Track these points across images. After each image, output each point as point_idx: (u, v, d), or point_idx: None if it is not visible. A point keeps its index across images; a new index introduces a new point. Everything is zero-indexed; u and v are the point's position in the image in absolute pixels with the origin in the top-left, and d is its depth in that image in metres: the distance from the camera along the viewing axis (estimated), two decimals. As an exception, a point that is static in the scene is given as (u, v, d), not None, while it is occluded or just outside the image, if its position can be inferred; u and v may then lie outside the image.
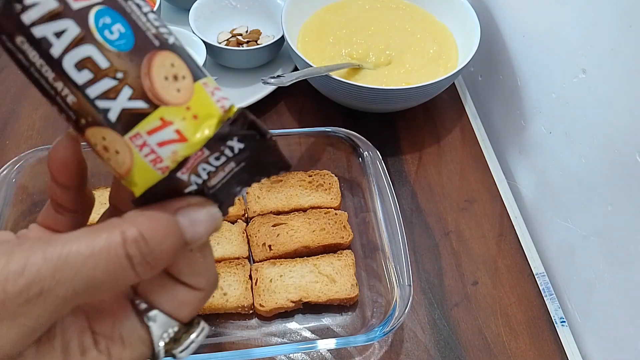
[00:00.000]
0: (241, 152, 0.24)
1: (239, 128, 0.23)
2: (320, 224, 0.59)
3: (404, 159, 0.70)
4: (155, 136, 0.22)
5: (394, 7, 0.78)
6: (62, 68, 0.21)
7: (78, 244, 0.21)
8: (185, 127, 0.22)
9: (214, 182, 0.24)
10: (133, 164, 0.22)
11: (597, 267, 0.55)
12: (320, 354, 0.53)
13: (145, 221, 0.22)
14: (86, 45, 0.21)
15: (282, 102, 0.76)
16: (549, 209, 0.64)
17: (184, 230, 0.23)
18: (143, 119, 0.21)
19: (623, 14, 0.48)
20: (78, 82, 0.21)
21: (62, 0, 0.20)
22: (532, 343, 0.55)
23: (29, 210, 0.61)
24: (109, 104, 0.21)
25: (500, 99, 0.75)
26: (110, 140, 0.22)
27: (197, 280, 0.25)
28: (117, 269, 0.21)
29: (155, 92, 0.22)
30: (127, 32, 0.21)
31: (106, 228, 0.21)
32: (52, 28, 0.20)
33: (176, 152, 0.22)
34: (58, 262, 0.20)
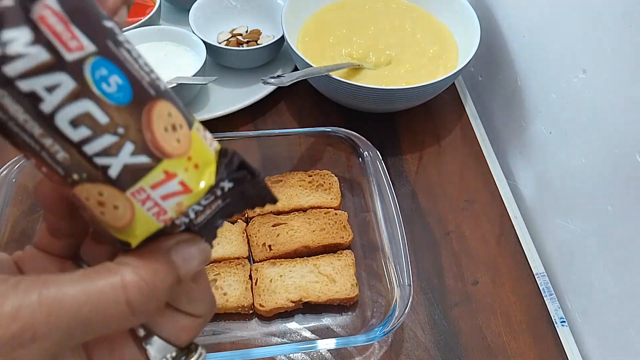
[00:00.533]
0: (229, 190, 0.24)
1: (233, 170, 0.23)
2: (320, 224, 0.59)
3: (404, 159, 0.70)
4: (160, 190, 0.21)
5: (394, 7, 0.78)
6: (54, 125, 0.19)
7: (74, 287, 0.20)
8: (189, 178, 0.22)
9: (200, 219, 0.23)
10: (134, 218, 0.21)
11: (597, 267, 0.55)
12: (320, 354, 0.53)
13: (143, 264, 0.22)
14: (83, 100, 0.19)
15: (282, 102, 0.76)
16: (549, 209, 0.64)
17: (178, 268, 0.23)
18: (146, 174, 0.21)
19: (623, 14, 0.48)
20: (74, 139, 0.19)
21: (54, 51, 0.18)
22: (532, 343, 0.55)
23: (29, 210, 0.61)
24: (110, 161, 0.20)
25: (501, 99, 0.75)
26: (109, 196, 0.20)
27: (194, 306, 0.25)
28: (116, 315, 0.21)
29: (158, 145, 0.21)
30: (125, 84, 0.20)
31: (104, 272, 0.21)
32: (42, 82, 0.18)
33: (181, 203, 0.22)
34: (53, 306, 0.19)
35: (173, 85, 0.65)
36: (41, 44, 0.17)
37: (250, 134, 0.65)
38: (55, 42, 0.18)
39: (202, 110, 0.71)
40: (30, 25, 0.17)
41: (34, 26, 0.17)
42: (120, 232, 0.22)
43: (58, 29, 0.18)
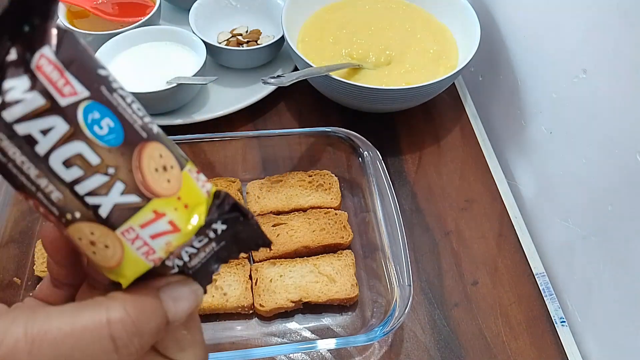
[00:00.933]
0: (223, 232, 0.24)
1: (224, 212, 0.24)
2: (320, 224, 0.59)
3: (404, 159, 0.70)
4: (149, 229, 0.21)
5: (394, 7, 0.78)
6: (48, 165, 0.20)
7: (60, 319, 0.20)
8: (178, 218, 0.22)
9: (194, 262, 0.24)
10: (123, 257, 0.21)
11: (597, 267, 0.55)
12: (320, 354, 0.53)
13: (131, 301, 0.21)
14: (75, 142, 0.20)
15: (282, 102, 0.76)
16: (549, 209, 0.64)
17: (168, 308, 0.22)
18: (136, 213, 0.21)
19: (623, 14, 0.48)
20: (66, 179, 0.20)
21: (50, 97, 0.19)
22: (532, 343, 0.55)
23: (29, 210, 0.61)
24: (100, 200, 0.21)
25: (501, 99, 0.75)
26: (100, 235, 0.21)
27: (184, 356, 0.24)
28: (99, 351, 0.20)
29: (147, 185, 0.21)
30: (116, 126, 0.21)
31: (91, 306, 0.21)
32: (38, 125, 0.19)
33: (170, 242, 0.22)
34: (37, 337, 0.19)
35: (173, 86, 0.65)
36: (37, 90, 0.19)
37: (250, 134, 0.65)
38: (50, 88, 0.19)
39: (201, 110, 0.71)
40: (29, 75, 0.19)
41: (32, 75, 0.19)
42: (111, 273, 0.22)
43: (53, 77, 0.19)
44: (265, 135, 0.65)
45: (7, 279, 0.56)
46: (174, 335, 0.24)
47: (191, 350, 0.25)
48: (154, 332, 0.22)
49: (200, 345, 0.25)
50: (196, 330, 0.25)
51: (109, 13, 0.79)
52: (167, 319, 0.22)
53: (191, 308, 0.23)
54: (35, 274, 0.56)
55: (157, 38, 0.73)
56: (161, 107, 0.69)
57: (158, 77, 0.68)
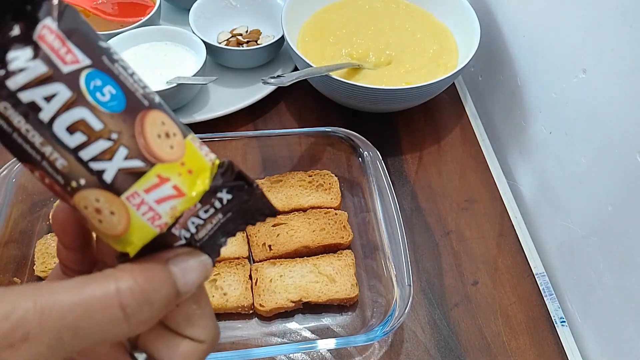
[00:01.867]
0: (229, 202, 0.24)
1: (228, 179, 0.24)
2: (320, 224, 0.59)
3: (404, 159, 0.70)
4: (154, 194, 0.22)
5: (394, 7, 0.78)
6: (52, 132, 0.20)
7: (68, 291, 0.20)
8: (182, 182, 0.22)
9: (202, 234, 0.24)
10: (130, 223, 0.22)
11: (597, 267, 0.55)
12: (320, 354, 0.53)
13: (139, 271, 0.22)
14: (78, 108, 0.20)
15: (282, 102, 0.76)
16: (549, 209, 0.64)
17: (176, 279, 0.22)
18: (140, 178, 0.21)
19: (623, 14, 0.48)
20: (70, 145, 0.20)
21: (52, 64, 0.20)
22: (532, 343, 0.55)
23: (29, 210, 0.61)
24: (105, 165, 0.21)
25: (501, 99, 0.75)
26: (105, 202, 0.21)
27: (196, 331, 0.24)
28: (108, 320, 0.20)
29: (151, 150, 0.22)
30: (118, 94, 0.21)
31: (99, 277, 0.21)
32: (41, 92, 0.20)
33: (175, 207, 0.22)
34: (45, 308, 0.19)
35: (173, 86, 0.65)
36: (40, 59, 0.19)
37: (250, 134, 0.65)
38: (52, 56, 0.20)
39: (202, 110, 0.71)
40: (31, 45, 0.19)
41: (34, 45, 0.19)
42: (118, 242, 0.22)
43: (55, 46, 0.20)
44: (265, 135, 0.65)
45: (7, 279, 0.56)
46: (184, 310, 0.24)
47: (202, 325, 0.25)
48: (164, 302, 0.22)
49: (211, 320, 0.25)
50: (205, 304, 0.25)
51: (109, 13, 0.79)
52: (177, 290, 0.22)
53: (200, 280, 0.23)
54: (35, 274, 0.56)
55: (157, 38, 0.73)
56: (161, 107, 0.69)
57: (158, 77, 0.68)
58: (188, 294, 0.23)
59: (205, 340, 0.25)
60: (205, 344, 0.25)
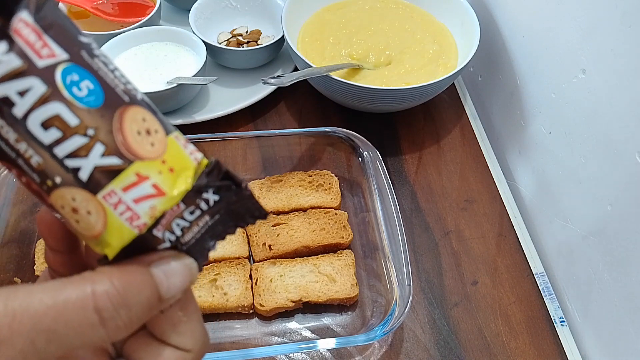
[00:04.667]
0: (216, 204, 0.23)
1: (215, 179, 0.23)
2: (320, 223, 0.60)
3: (403, 159, 0.70)
4: (131, 192, 0.21)
5: (393, 7, 0.78)
6: (26, 128, 0.19)
7: (42, 294, 0.19)
8: (163, 181, 0.21)
9: (188, 237, 0.23)
10: (107, 223, 0.21)
11: (596, 267, 0.55)
12: (320, 354, 0.53)
13: (118, 273, 0.21)
14: (53, 102, 0.19)
15: (282, 102, 0.76)
16: (549, 209, 0.64)
17: (159, 282, 0.22)
18: (117, 176, 0.21)
19: (623, 14, 0.48)
20: (45, 141, 0.20)
21: (26, 58, 0.19)
22: (531, 343, 0.55)
23: (29, 210, 0.61)
24: (80, 163, 0.20)
25: (500, 99, 0.75)
26: (81, 201, 0.20)
27: (182, 340, 0.23)
28: (83, 324, 0.19)
29: (129, 147, 0.21)
30: (96, 89, 0.21)
31: (76, 279, 0.20)
32: (15, 87, 0.19)
33: (154, 207, 0.21)
34: (17, 310, 0.19)
35: (173, 86, 0.66)
36: (14, 52, 0.19)
37: (250, 134, 0.65)
38: (27, 50, 0.19)
39: (202, 110, 0.72)
40: (6, 39, 0.19)
41: (9, 39, 0.19)
42: (97, 244, 0.22)
43: (31, 39, 0.19)
44: (265, 135, 0.65)
45: (7, 279, 0.56)
46: (170, 317, 0.23)
47: (188, 333, 0.24)
48: (144, 306, 0.21)
49: (198, 328, 0.24)
50: (193, 312, 0.24)
51: (109, 13, 0.79)
52: (159, 293, 0.22)
53: (185, 284, 0.23)
54: (35, 274, 0.56)
55: (157, 38, 0.73)
56: (162, 107, 0.69)
57: (158, 77, 0.68)
58: (172, 299, 0.22)
59: (192, 349, 0.24)
60: (191, 354, 0.24)
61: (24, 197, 0.60)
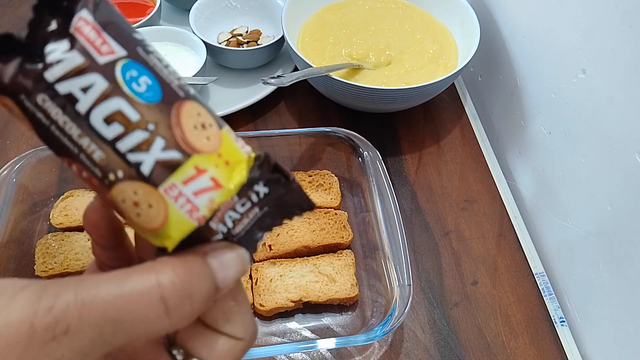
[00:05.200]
0: (265, 196, 0.23)
1: (266, 172, 0.23)
2: (320, 223, 0.60)
3: (403, 159, 0.70)
4: (191, 185, 0.21)
5: (393, 7, 0.78)
6: (89, 123, 0.20)
7: (109, 284, 0.20)
8: (220, 174, 0.22)
9: (239, 229, 0.23)
10: (168, 216, 0.21)
11: (597, 267, 0.55)
12: (320, 354, 0.53)
13: (180, 264, 0.21)
14: (115, 98, 0.20)
15: (282, 102, 0.76)
16: (549, 209, 0.64)
17: (215, 272, 0.22)
18: (177, 169, 0.21)
19: (623, 14, 0.48)
20: (108, 136, 0.20)
21: (88, 55, 0.20)
22: (531, 343, 0.55)
23: (29, 210, 0.61)
24: (142, 157, 0.21)
25: (500, 99, 0.75)
26: (143, 194, 0.21)
27: (234, 329, 0.24)
28: (149, 314, 0.20)
29: (187, 141, 0.21)
30: (154, 84, 0.21)
31: (140, 269, 0.21)
32: (78, 83, 0.20)
33: (213, 199, 0.22)
34: (86, 301, 0.19)
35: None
36: (76, 50, 0.20)
37: (250, 134, 0.65)
38: (88, 47, 0.20)
39: (202, 110, 0.71)
40: (68, 37, 0.20)
41: (71, 37, 0.20)
42: (156, 237, 0.22)
43: (91, 37, 0.20)
44: (265, 135, 0.65)
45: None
46: (222, 306, 0.24)
47: (239, 321, 0.24)
48: (204, 297, 0.21)
49: (248, 316, 0.25)
50: (243, 301, 0.25)
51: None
52: (216, 284, 0.22)
53: (238, 274, 0.23)
54: (35, 274, 0.56)
55: (157, 38, 0.73)
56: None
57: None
58: (226, 289, 0.23)
59: (244, 337, 0.24)
60: (243, 342, 0.24)
61: (24, 197, 0.60)
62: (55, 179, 0.64)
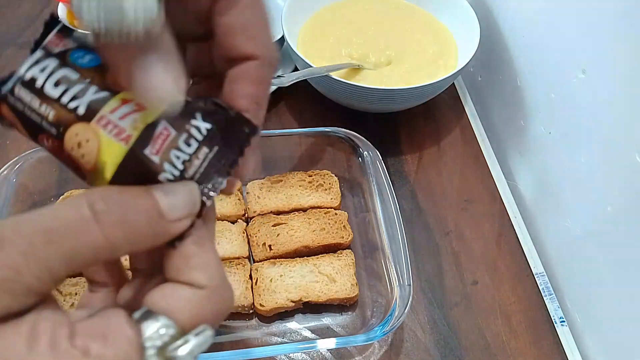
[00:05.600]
0: (210, 133, 0.24)
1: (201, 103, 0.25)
2: (320, 223, 0.60)
3: (404, 159, 0.70)
4: (117, 112, 0.24)
5: (393, 7, 0.78)
6: (44, 91, 0.24)
7: (45, 209, 0.21)
8: None
9: (191, 172, 0.24)
10: (100, 142, 0.23)
11: (597, 267, 0.55)
12: (320, 354, 0.53)
13: (114, 188, 0.22)
14: (63, 69, 0.24)
15: (282, 102, 0.76)
16: (549, 209, 0.64)
17: (158, 197, 0.22)
18: (106, 103, 0.24)
19: (623, 14, 0.48)
20: (55, 95, 0.24)
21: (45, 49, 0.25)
22: (531, 343, 0.55)
23: (29, 210, 0.61)
24: (79, 102, 0.24)
25: (500, 99, 0.75)
26: (81, 132, 0.23)
27: (195, 275, 0.23)
28: (77, 220, 0.20)
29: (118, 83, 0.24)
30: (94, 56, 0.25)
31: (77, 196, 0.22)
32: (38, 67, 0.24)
33: (136, 119, 0.24)
34: (21, 220, 0.20)
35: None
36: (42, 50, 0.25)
37: (250, 134, 0.65)
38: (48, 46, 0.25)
39: (202, 110, 0.71)
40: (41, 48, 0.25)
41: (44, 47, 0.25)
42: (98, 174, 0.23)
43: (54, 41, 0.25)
44: (265, 135, 0.65)
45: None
46: (182, 251, 0.23)
47: (202, 268, 0.23)
48: (143, 217, 0.22)
49: (213, 264, 0.23)
50: (209, 249, 0.24)
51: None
52: (159, 208, 0.22)
53: (187, 205, 0.23)
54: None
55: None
56: (161, 107, 0.69)
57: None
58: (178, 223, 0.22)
59: (206, 285, 0.23)
60: (205, 291, 0.23)
61: (24, 197, 0.60)
62: (55, 179, 0.64)
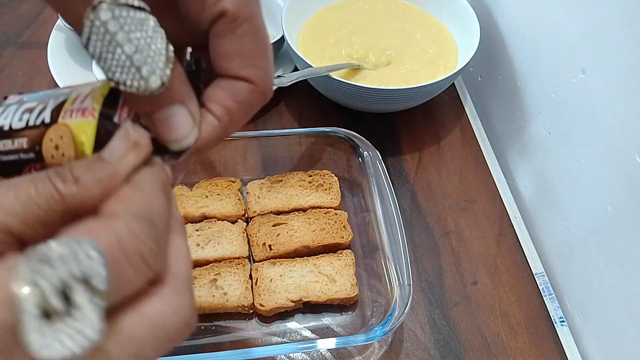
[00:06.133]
0: None
1: None
2: (320, 223, 0.60)
3: (404, 159, 0.70)
4: (77, 102, 0.26)
5: (394, 7, 0.78)
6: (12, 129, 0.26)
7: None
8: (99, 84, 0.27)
9: None
10: (72, 131, 0.25)
11: (596, 267, 0.55)
12: (320, 354, 0.54)
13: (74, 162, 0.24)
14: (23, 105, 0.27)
15: (282, 102, 0.76)
16: (549, 209, 0.64)
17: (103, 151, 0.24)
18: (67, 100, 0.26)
19: (623, 14, 0.48)
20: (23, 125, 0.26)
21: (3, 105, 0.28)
22: (531, 343, 0.56)
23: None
24: (43, 115, 0.26)
25: (500, 99, 0.75)
26: (53, 134, 0.25)
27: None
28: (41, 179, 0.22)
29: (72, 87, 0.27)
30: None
31: None
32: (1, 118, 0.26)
33: (94, 95, 0.26)
34: None
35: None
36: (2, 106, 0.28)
37: (250, 134, 0.65)
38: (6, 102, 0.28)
39: (202, 110, 0.71)
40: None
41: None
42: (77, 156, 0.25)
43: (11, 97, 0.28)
44: (265, 135, 0.65)
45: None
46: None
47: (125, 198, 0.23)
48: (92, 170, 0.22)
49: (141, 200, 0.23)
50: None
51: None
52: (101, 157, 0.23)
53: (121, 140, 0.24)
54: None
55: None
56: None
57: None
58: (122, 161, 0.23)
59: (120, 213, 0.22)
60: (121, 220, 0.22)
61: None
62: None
